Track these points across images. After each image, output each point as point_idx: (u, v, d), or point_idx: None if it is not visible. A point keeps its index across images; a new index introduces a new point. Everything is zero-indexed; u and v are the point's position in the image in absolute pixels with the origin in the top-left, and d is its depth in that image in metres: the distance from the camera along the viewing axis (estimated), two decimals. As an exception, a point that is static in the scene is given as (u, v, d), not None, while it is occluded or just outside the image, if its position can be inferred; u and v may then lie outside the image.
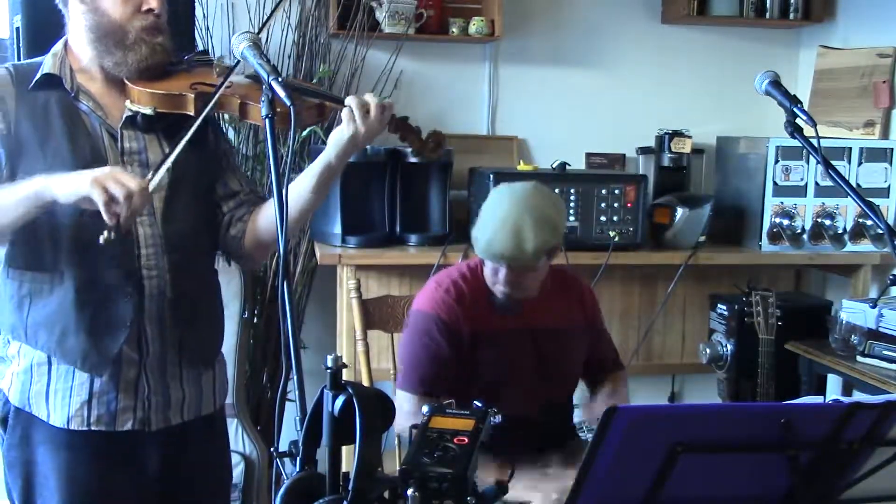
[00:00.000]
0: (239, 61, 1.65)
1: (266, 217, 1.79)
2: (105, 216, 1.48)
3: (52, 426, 1.69)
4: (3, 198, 1.55)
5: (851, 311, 2.83)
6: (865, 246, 3.31)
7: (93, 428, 1.69)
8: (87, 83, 1.69)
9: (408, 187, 3.20)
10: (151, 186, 1.56)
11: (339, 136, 1.66)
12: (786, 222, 3.27)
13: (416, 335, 2.16)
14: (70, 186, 1.51)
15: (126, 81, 1.68)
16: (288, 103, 1.44)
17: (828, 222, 3.29)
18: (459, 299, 2.15)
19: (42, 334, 1.68)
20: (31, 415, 1.71)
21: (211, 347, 1.87)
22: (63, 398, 1.69)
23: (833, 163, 1.64)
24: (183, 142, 1.60)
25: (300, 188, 1.72)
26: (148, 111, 1.66)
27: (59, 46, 1.71)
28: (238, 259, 1.89)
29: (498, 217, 2.07)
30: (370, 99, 1.65)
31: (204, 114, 1.62)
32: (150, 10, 1.65)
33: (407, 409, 2.07)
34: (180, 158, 1.67)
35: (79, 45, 1.69)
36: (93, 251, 1.63)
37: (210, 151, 1.81)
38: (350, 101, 1.64)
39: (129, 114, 1.68)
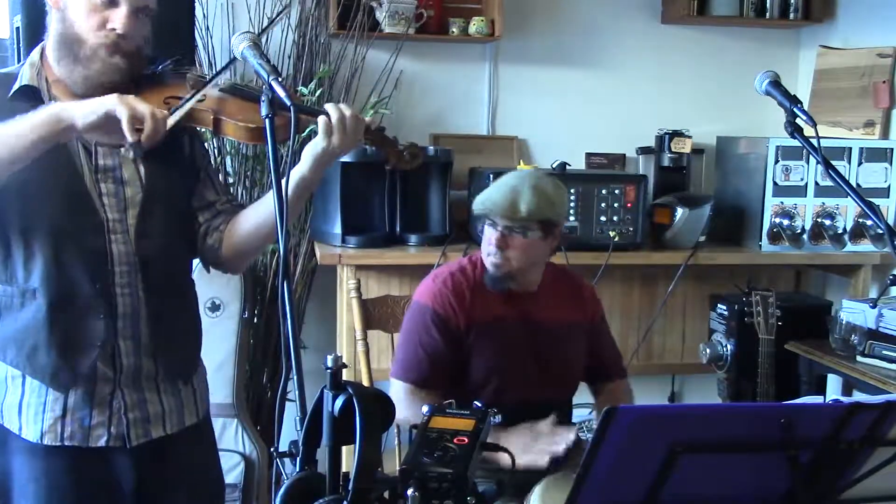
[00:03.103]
0: (215, 74, 1.63)
1: (242, 226, 1.76)
2: (127, 133, 1.47)
3: (25, 440, 1.67)
4: (17, 125, 1.50)
5: (851, 311, 2.83)
6: (865, 246, 3.31)
7: (66, 443, 1.66)
8: (63, 96, 1.65)
9: (408, 187, 3.20)
10: (169, 124, 1.54)
11: (314, 150, 1.62)
12: (786, 222, 3.27)
13: (413, 326, 2.19)
14: (91, 106, 1.49)
15: None
16: (288, 104, 1.44)
17: (828, 222, 3.29)
18: (456, 291, 2.17)
19: (11, 349, 1.65)
20: (5, 427, 1.68)
21: (188, 361, 1.83)
22: (36, 413, 1.65)
23: (833, 163, 1.64)
24: (182, 109, 1.58)
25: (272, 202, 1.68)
26: (129, 152, 1.62)
27: (35, 56, 1.67)
28: (216, 267, 1.85)
29: (500, 181, 2.21)
30: (345, 110, 1.61)
31: (171, 123, 1.57)
32: (113, 30, 1.60)
33: (399, 398, 2.08)
34: (153, 175, 1.67)
35: (51, 54, 1.65)
36: (67, 266, 1.62)
37: (185, 163, 1.78)
38: (327, 109, 1.60)
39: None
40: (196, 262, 1.88)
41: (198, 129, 1.78)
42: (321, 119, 1.60)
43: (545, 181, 2.19)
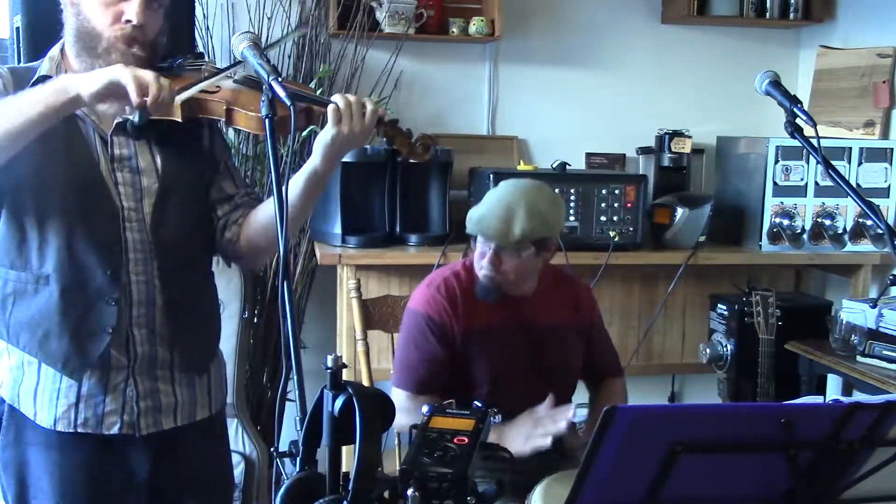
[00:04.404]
0: (231, 65, 1.64)
1: (259, 220, 1.77)
2: (134, 97, 1.48)
3: (40, 426, 1.68)
4: (23, 98, 1.51)
5: (851, 311, 2.83)
6: (865, 246, 3.31)
7: (79, 430, 1.68)
8: None
9: (408, 187, 3.20)
10: (179, 101, 1.56)
11: (323, 140, 1.63)
12: (786, 222, 3.27)
13: (409, 334, 2.20)
14: (97, 75, 1.50)
15: None
16: (288, 103, 1.44)
17: (828, 222, 3.29)
18: (450, 297, 2.18)
19: (24, 335, 1.66)
20: (22, 413, 1.70)
21: (204, 352, 1.84)
22: (50, 399, 1.67)
23: (833, 163, 1.64)
24: (195, 88, 1.60)
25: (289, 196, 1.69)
26: (135, 118, 1.64)
27: (55, 50, 1.70)
28: (235, 261, 1.87)
29: (494, 198, 2.17)
30: (353, 99, 1.62)
31: (181, 99, 1.59)
32: (128, 21, 1.62)
33: (401, 406, 2.08)
34: (170, 165, 1.68)
35: (70, 51, 1.68)
36: (80, 253, 1.64)
37: (204, 155, 1.79)
38: (335, 99, 1.61)
39: (119, 120, 1.67)
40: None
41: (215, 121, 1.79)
42: (330, 106, 1.60)
43: (541, 197, 2.16)
